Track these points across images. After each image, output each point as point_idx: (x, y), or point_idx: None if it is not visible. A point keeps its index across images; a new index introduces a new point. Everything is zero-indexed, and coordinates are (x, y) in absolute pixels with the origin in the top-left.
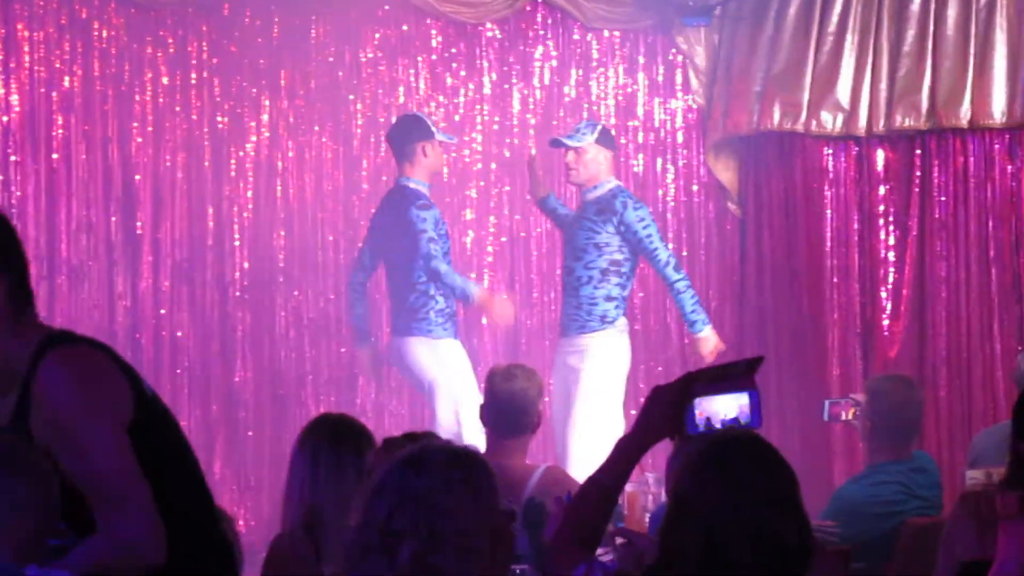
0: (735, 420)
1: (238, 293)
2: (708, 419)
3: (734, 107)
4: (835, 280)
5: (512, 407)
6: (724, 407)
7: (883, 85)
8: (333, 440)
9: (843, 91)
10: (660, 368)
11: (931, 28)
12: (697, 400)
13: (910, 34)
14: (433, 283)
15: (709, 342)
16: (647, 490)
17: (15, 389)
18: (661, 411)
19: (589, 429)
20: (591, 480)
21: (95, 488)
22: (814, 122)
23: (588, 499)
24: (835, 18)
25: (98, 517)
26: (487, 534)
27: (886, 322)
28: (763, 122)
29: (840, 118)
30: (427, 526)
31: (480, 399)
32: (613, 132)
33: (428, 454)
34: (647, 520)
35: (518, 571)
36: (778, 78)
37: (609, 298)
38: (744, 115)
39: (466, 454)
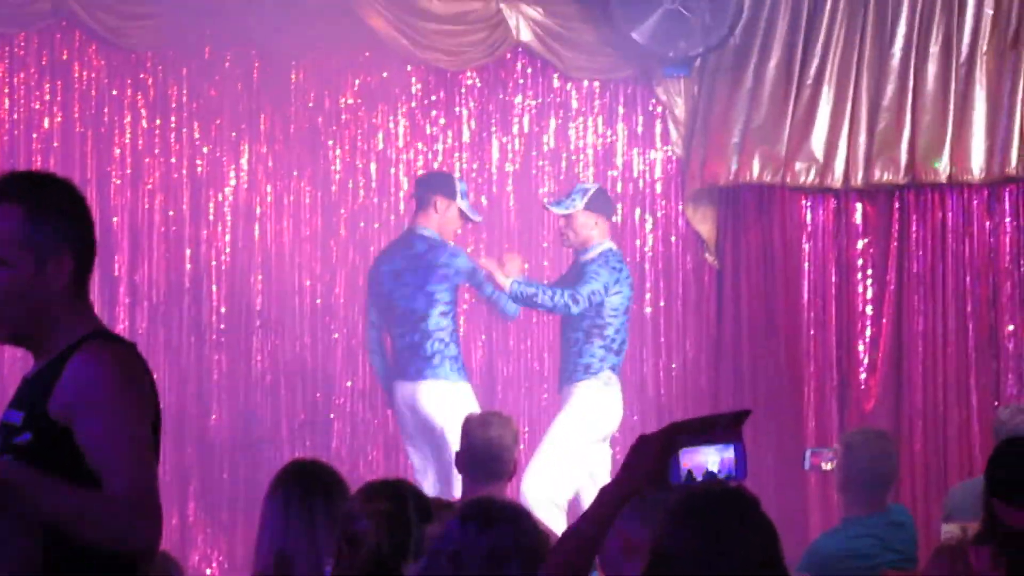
0: (719, 472)
1: (214, 336)
2: (691, 470)
3: (712, 158)
4: (812, 332)
5: (488, 454)
6: (708, 459)
7: (862, 139)
8: (305, 486)
9: (820, 144)
10: (635, 417)
11: (911, 83)
12: (682, 451)
13: (890, 88)
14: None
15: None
16: None
17: (44, 366)
18: (645, 461)
19: (540, 470)
20: (572, 529)
21: (111, 464)
22: (790, 174)
23: (569, 548)
24: (813, 71)
25: (107, 488)
26: None
27: (863, 375)
28: (741, 174)
29: (816, 171)
30: None
31: None
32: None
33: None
34: None
35: None
36: (757, 130)
37: (593, 353)
38: (722, 166)
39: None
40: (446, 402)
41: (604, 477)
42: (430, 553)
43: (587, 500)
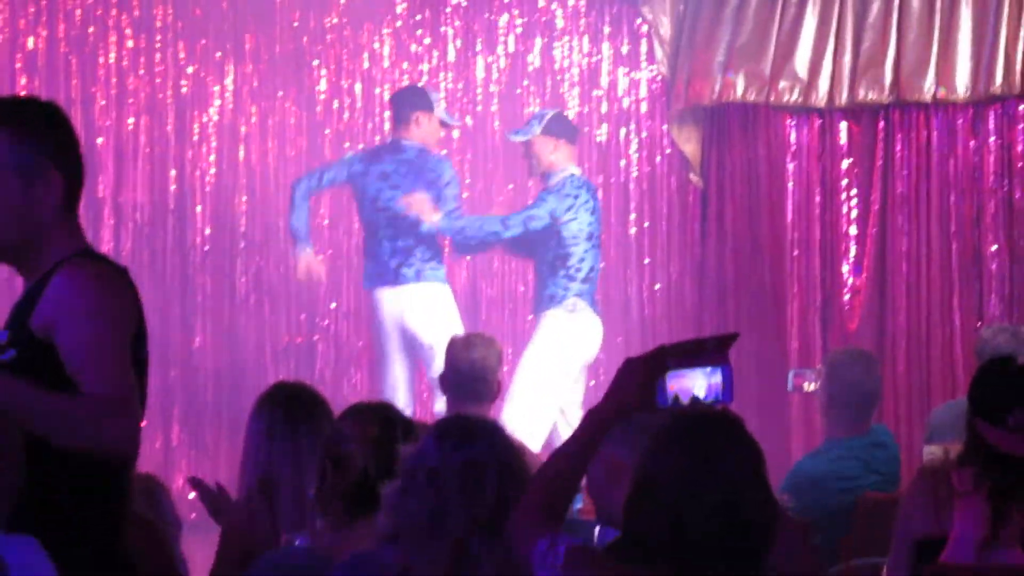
0: (706, 396)
1: (199, 258)
2: (678, 394)
3: (697, 77)
4: (796, 253)
5: (472, 375)
6: (695, 382)
7: (847, 58)
8: (289, 409)
9: (804, 63)
10: (620, 339)
11: (896, 1)
12: (669, 374)
13: (875, 6)
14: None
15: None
16: None
17: (32, 285)
18: (632, 384)
19: (511, 402)
20: (558, 451)
21: (87, 367)
22: (774, 94)
23: (554, 470)
24: None
25: (83, 390)
26: None
27: (846, 296)
28: (725, 93)
29: (800, 90)
30: None
31: None
32: (573, 113)
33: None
34: None
35: None
36: (742, 49)
37: (557, 283)
38: (706, 85)
39: None
40: (437, 306)
41: (576, 414)
42: (406, 471)
43: (560, 437)
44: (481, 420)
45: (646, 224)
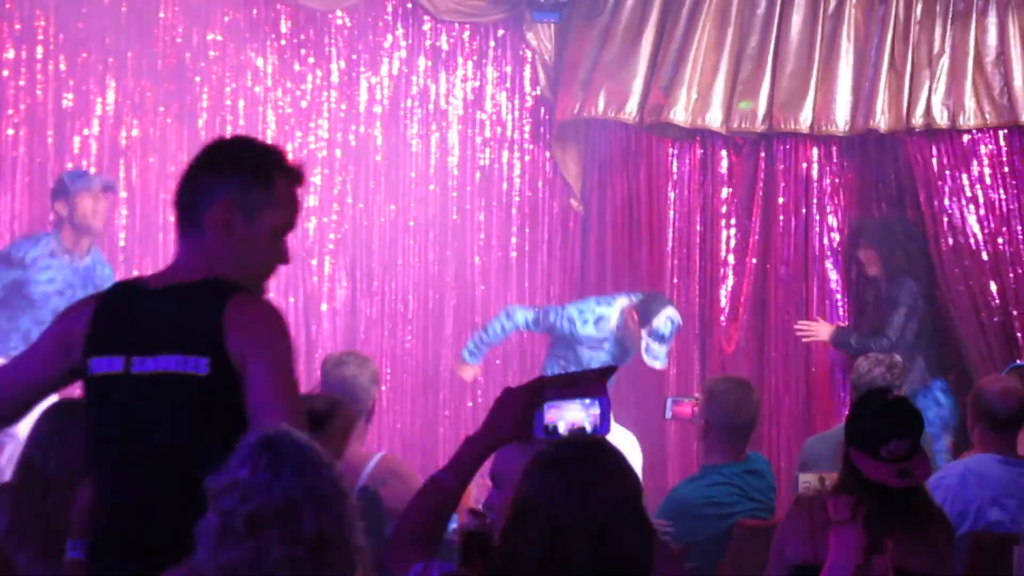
0: (583, 427)
1: None
2: (556, 424)
3: (563, 93)
4: (676, 280)
5: (343, 394)
6: (573, 413)
7: (719, 83)
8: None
9: (672, 84)
10: (498, 361)
11: (774, 32)
12: (547, 404)
13: (754, 38)
14: None
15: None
16: (478, 481)
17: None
18: (510, 414)
19: None
20: (433, 479)
21: (271, 403)
22: (635, 113)
23: (429, 497)
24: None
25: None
26: None
27: (724, 323)
28: (586, 108)
29: (668, 111)
30: None
31: None
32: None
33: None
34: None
35: None
36: (606, 66)
37: None
38: (570, 100)
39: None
40: None
41: None
42: (224, 511)
43: None
44: (292, 442)
45: (527, 248)
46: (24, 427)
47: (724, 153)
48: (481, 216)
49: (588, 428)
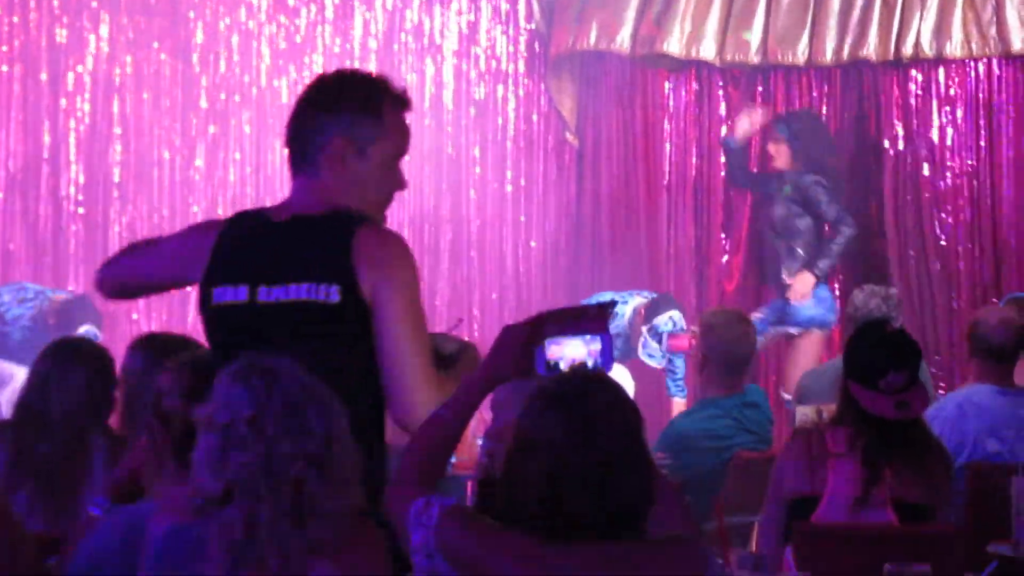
0: (584, 363)
1: (72, 207)
2: (557, 361)
3: (557, 26)
4: (672, 213)
5: None
6: (574, 350)
7: (713, 13)
8: (163, 355)
9: (663, 15)
10: (495, 295)
11: None
12: (547, 341)
13: None
14: None
15: None
16: (478, 416)
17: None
18: (511, 351)
19: None
20: (434, 416)
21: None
22: (626, 45)
23: (430, 435)
24: None
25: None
26: None
27: (724, 258)
28: (579, 40)
29: (659, 41)
30: None
31: None
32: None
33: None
34: (478, 446)
35: None
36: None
37: None
38: (565, 34)
39: None
40: None
41: None
42: (221, 427)
43: None
44: (275, 359)
45: (522, 182)
46: (21, 370)
47: (720, 85)
48: (476, 151)
49: (590, 364)
